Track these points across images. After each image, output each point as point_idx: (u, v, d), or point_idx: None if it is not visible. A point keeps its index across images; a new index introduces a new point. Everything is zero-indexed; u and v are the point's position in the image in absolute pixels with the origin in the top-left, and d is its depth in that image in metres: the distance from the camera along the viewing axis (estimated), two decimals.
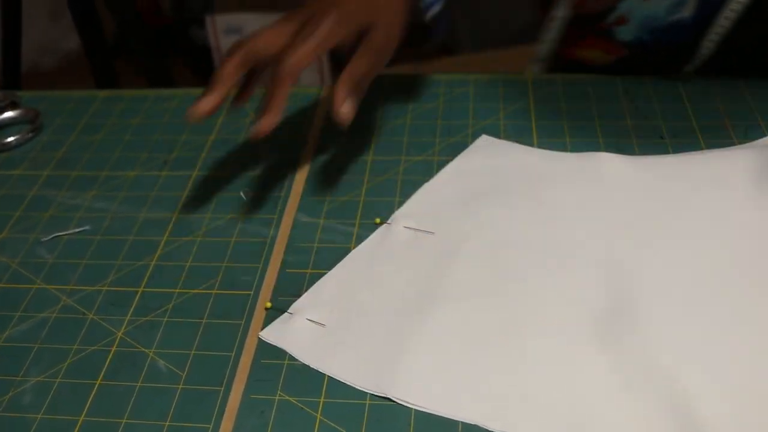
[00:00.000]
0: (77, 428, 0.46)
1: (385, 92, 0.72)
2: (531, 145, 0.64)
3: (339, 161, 0.65)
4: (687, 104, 0.66)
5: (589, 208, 0.57)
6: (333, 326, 0.50)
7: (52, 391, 0.49)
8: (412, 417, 0.45)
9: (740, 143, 0.61)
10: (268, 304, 0.52)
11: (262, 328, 0.51)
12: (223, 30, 1.97)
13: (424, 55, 0.73)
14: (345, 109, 0.55)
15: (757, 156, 0.58)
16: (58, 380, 0.49)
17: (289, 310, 0.52)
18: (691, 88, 0.68)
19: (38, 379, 0.50)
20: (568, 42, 0.77)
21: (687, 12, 0.67)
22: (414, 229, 0.56)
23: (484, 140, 0.64)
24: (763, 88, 0.67)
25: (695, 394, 0.43)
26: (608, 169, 0.59)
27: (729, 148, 0.60)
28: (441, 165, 0.63)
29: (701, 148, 0.61)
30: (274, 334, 0.50)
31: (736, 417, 0.42)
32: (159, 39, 2.09)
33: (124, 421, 0.47)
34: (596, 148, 0.62)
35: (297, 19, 0.57)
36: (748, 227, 0.53)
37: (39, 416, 0.47)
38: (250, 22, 1.95)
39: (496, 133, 0.65)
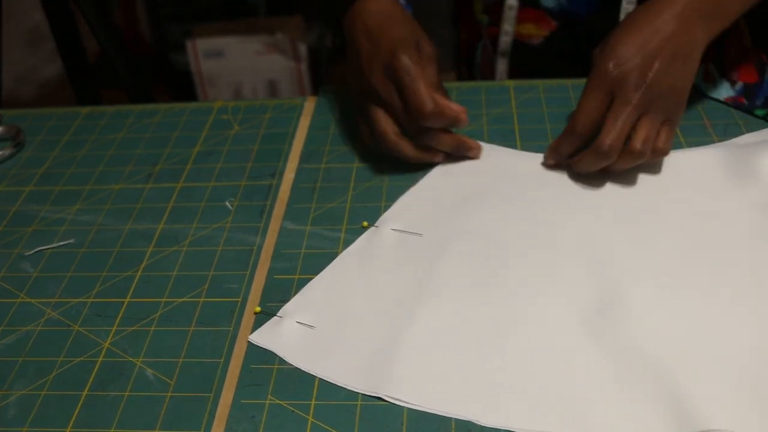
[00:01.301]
0: None
1: None
2: (514, 147, 0.64)
3: (324, 169, 0.65)
4: None
5: (574, 207, 0.57)
6: (323, 328, 0.50)
7: (37, 404, 0.48)
8: (405, 416, 0.45)
9: (720, 141, 0.62)
10: (258, 309, 0.52)
11: (251, 334, 0.51)
12: (203, 54, 1.97)
13: None
14: (461, 111, 0.60)
15: (731, 153, 0.59)
16: (43, 392, 0.49)
17: (278, 314, 0.51)
18: None
19: (23, 392, 0.49)
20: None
21: None
22: (401, 231, 0.56)
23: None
24: None
25: (684, 381, 0.44)
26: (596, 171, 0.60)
27: (707, 146, 0.61)
28: (426, 170, 0.63)
29: (682, 147, 0.62)
30: (264, 337, 0.50)
31: (725, 400, 0.43)
32: (140, 65, 2.09)
33: (112, 431, 0.46)
34: None
35: None
36: (725, 221, 0.54)
37: (24, 429, 0.46)
38: (231, 45, 1.96)
39: (479, 138, 0.65)
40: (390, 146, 0.61)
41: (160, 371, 0.49)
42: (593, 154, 0.57)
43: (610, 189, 0.58)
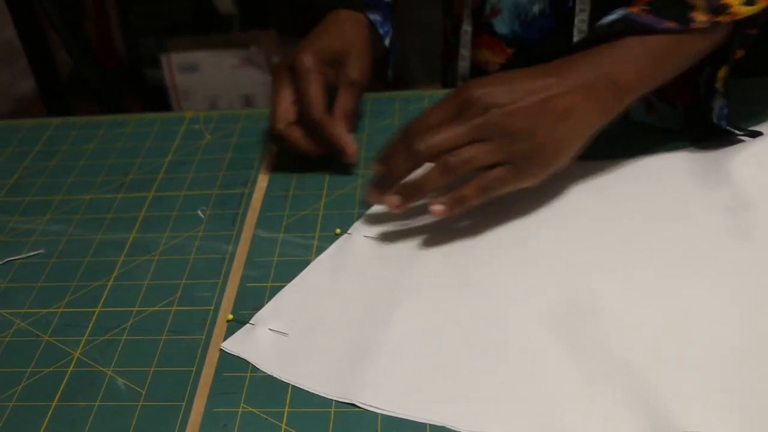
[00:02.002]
0: None
1: None
2: None
3: (297, 177, 0.65)
4: None
5: (546, 210, 0.57)
6: (296, 335, 0.50)
7: (5, 416, 0.47)
8: (379, 422, 0.45)
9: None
10: (230, 317, 0.52)
11: (223, 342, 0.50)
12: (178, 68, 1.97)
13: (384, 86, 0.76)
14: (353, 148, 0.63)
15: (698, 157, 0.60)
16: (11, 404, 0.48)
17: (251, 321, 0.51)
18: None
19: None
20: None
21: (544, 2, 0.71)
22: (374, 238, 0.56)
23: None
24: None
25: (658, 383, 0.44)
26: (565, 173, 0.60)
27: (675, 151, 0.62)
28: None
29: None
30: (237, 345, 0.50)
31: (700, 401, 0.43)
32: (113, 79, 2.08)
33: None
34: None
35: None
36: (695, 223, 0.55)
37: None
38: (206, 59, 1.96)
39: None
40: (274, 129, 0.63)
41: (132, 380, 0.49)
42: (404, 153, 0.53)
43: (582, 193, 0.58)
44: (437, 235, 0.56)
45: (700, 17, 0.53)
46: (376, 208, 0.60)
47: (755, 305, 0.48)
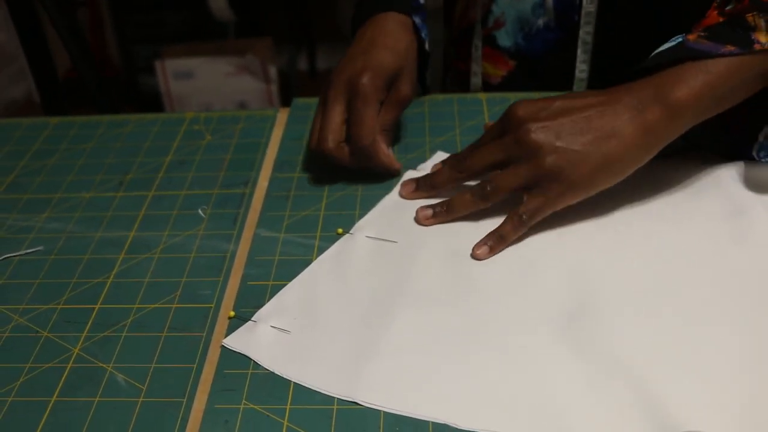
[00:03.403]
0: None
1: None
2: None
3: (298, 178, 0.65)
4: None
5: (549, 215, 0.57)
6: (297, 333, 0.50)
7: (3, 411, 0.47)
8: (381, 420, 0.44)
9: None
10: (232, 313, 0.51)
11: (225, 338, 0.50)
12: (173, 75, 1.97)
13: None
14: (397, 166, 0.63)
15: (692, 168, 0.60)
16: (10, 399, 0.47)
17: (252, 318, 0.51)
18: None
19: None
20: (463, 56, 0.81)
21: (549, 15, 0.71)
22: (376, 238, 0.56)
23: (441, 155, 0.65)
24: None
25: (658, 385, 0.44)
26: None
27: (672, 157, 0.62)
28: (400, 179, 0.63)
29: None
30: (238, 341, 0.49)
31: (701, 402, 0.43)
32: (108, 86, 2.08)
33: None
34: None
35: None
36: (697, 229, 0.55)
37: None
38: (201, 67, 1.96)
39: (453, 149, 0.66)
40: (324, 148, 0.62)
41: (132, 377, 0.48)
42: (451, 162, 0.59)
43: (586, 199, 0.59)
44: (439, 235, 0.56)
45: (763, 38, 0.51)
46: (378, 209, 0.60)
47: (756, 307, 0.49)
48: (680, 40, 0.54)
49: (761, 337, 0.47)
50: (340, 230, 0.58)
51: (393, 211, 0.59)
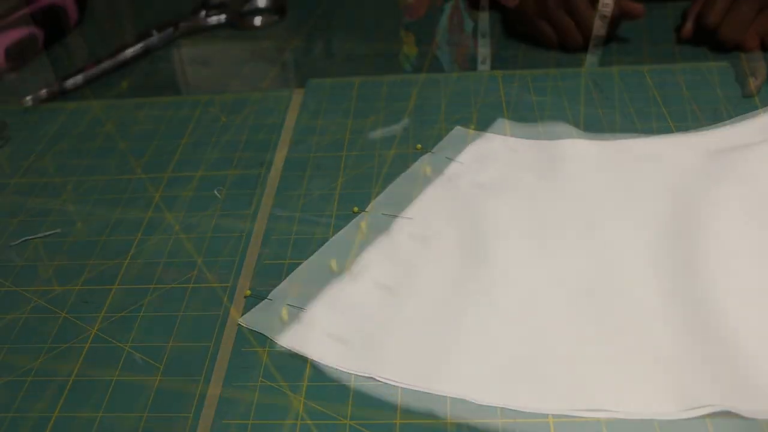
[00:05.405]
0: (51, 423, 0.45)
1: (359, 92, 0.72)
2: (504, 135, 0.64)
3: (313, 158, 0.64)
4: (654, 92, 0.67)
5: (563, 191, 0.57)
6: (313, 310, 0.49)
7: (23, 389, 0.47)
8: (399, 396, 0.44)
9: (708, 125, 0.62)
10: (248, 292, 0.51)
11: (241, 317, 0.50)
12: (188, 62, 1.97)
13: None
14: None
15: (712, 139, 0.59)
16: (30, 378, 0.48)
17: (269, 297, 0.51)
18: (656, 77, 0.69)
19: (9, 378, 0.48)
20: None
21: None
22: (392, 215, 0.56)
23: (458, 131, 0.65)
24: (724, 74, 0.68)
25: (682, 359, 0.43)
26: (582, 153, 0.60)
27: (691, 131, 0.61)
28: (415, 157, 0.63)
29: (672, 131, 0.62)
30: (254, 319, 0.49)
31: (723, 377, 0.42)
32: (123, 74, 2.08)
33: (101, 414, 0.45)
34: (570, 136, 0.62)
35: None
36: (713, 204, 0.54)
37: (10, 415, 0.45)
38: (217, 53, 1.96)
39: (469, 125, 0.65)
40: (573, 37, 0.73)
41: (149, 355, 0.48)
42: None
43: (604, 174, 0.58)
44: (456, 215, 0.56)
45: None
46: (395, 186, 0.59)
47: None
48: None
49: None
50: (356, 209, 0.57)
51: (410, 188, 0.59)
